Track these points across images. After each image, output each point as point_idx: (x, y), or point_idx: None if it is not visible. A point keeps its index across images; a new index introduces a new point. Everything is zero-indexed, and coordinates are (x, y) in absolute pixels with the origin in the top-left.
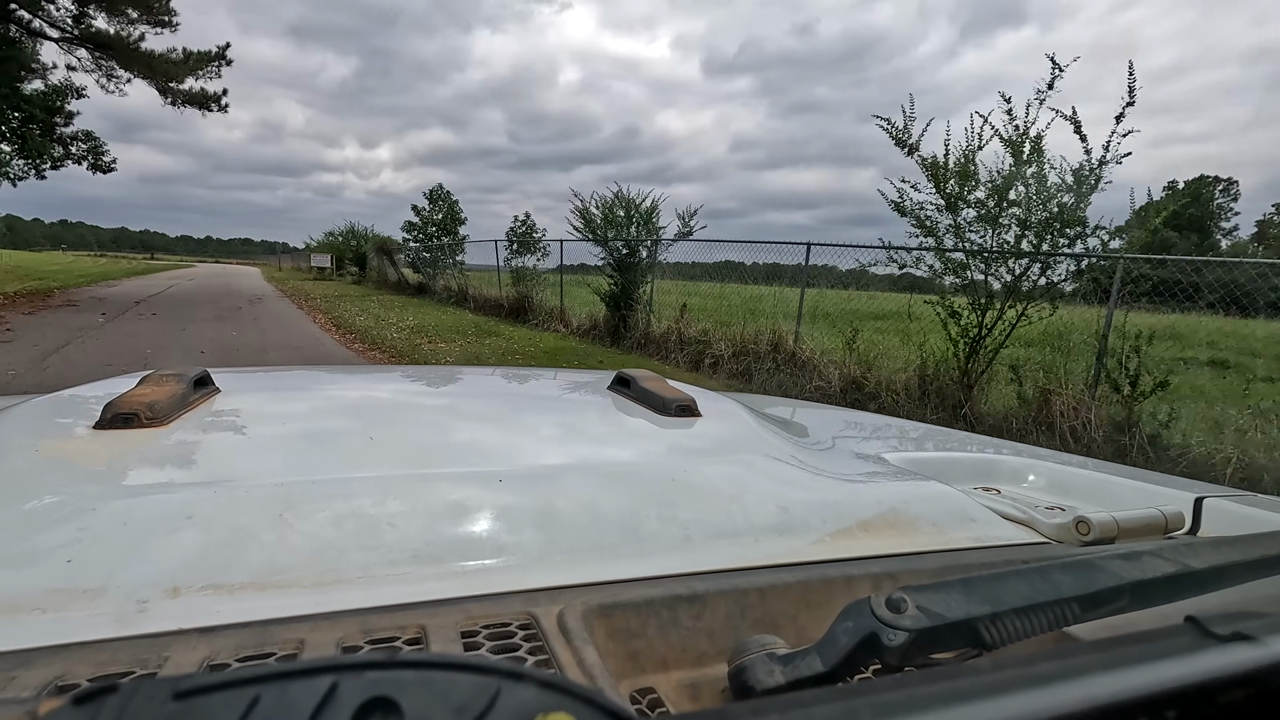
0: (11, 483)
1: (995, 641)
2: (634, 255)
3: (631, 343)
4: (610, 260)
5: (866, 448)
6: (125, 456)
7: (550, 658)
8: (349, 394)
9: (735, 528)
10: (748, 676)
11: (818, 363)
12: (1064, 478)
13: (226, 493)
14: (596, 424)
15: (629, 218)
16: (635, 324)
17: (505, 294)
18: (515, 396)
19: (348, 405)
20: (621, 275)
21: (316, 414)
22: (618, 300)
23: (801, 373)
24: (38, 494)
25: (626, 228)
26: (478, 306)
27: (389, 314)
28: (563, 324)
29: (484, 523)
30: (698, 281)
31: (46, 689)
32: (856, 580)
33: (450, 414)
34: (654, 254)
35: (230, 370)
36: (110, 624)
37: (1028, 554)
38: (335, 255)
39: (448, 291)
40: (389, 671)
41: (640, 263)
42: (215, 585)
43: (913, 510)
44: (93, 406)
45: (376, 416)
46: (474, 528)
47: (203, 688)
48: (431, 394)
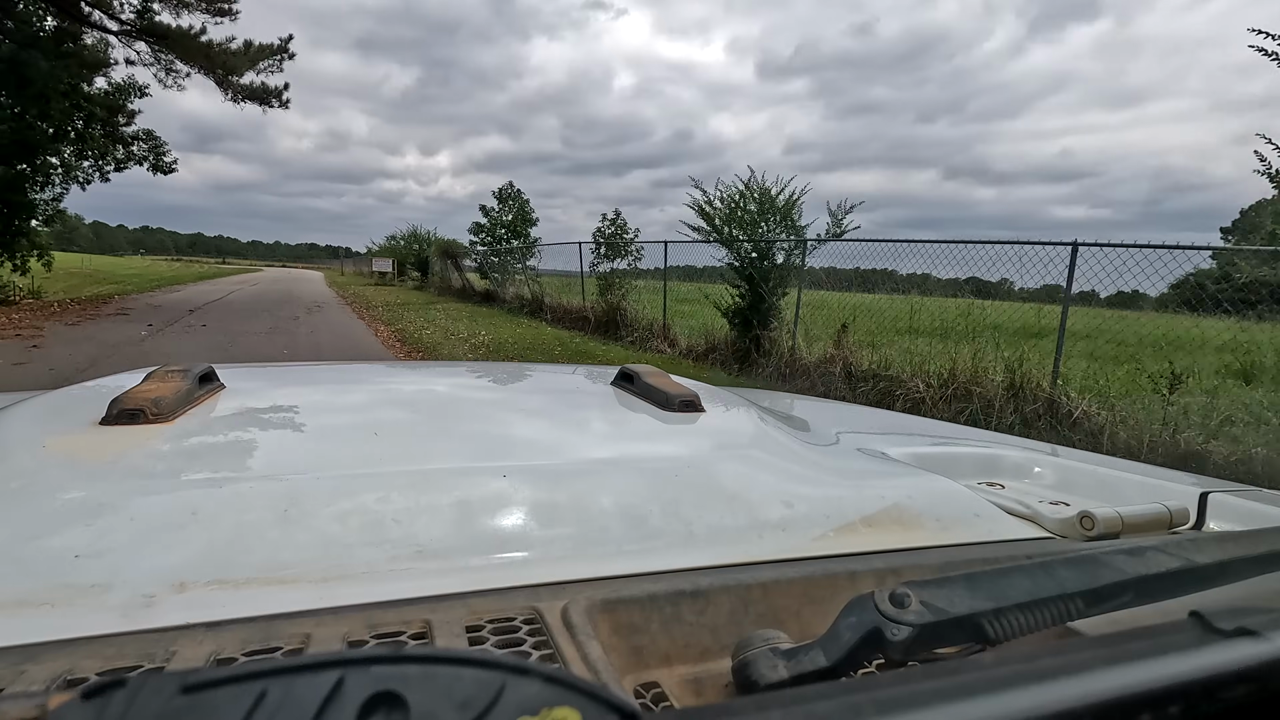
0: (19, 478)
1: (999, 637)
2: (767, 259)
3: (771, 371)
4: (737, 265)
5: (870, 443)
6: (131, 452)
7: (555, 653)
8: (353, 390)
9: (739, 523)
10: (751, 671)
11: (1099, 420)
12: (1068, 473)
13: (232, 488)
14: (600, 419)
15: (761, 213)
16: (774, 347)
17: (591, 304)
18: (519, 392)
19: (351, 401)
20: (750, 285)
21: (321, 410)
22: (745, 316)
23: (1073, 432)
24: (45, 489)
25: (757, 225)
26: (556, 318)
27: (457, 325)
28: (667, 343)
29: (488, 518)
30: (846, 292)
31: (55, 683)
32: (860, 575)
33: (454, 409)
34: (801, 258)
35: (235, 366)
36: (117, 619)
37: (1032, 549)
38: (396, 260)
39: (519, 300)
40: (394, 666)
41: (778, 269)
42: (221, 580)
43: (916, 505)
44: (99, 402)
45: (380, 412)
46: (478, 523)
47: (210, 682)
48: (435, 389)
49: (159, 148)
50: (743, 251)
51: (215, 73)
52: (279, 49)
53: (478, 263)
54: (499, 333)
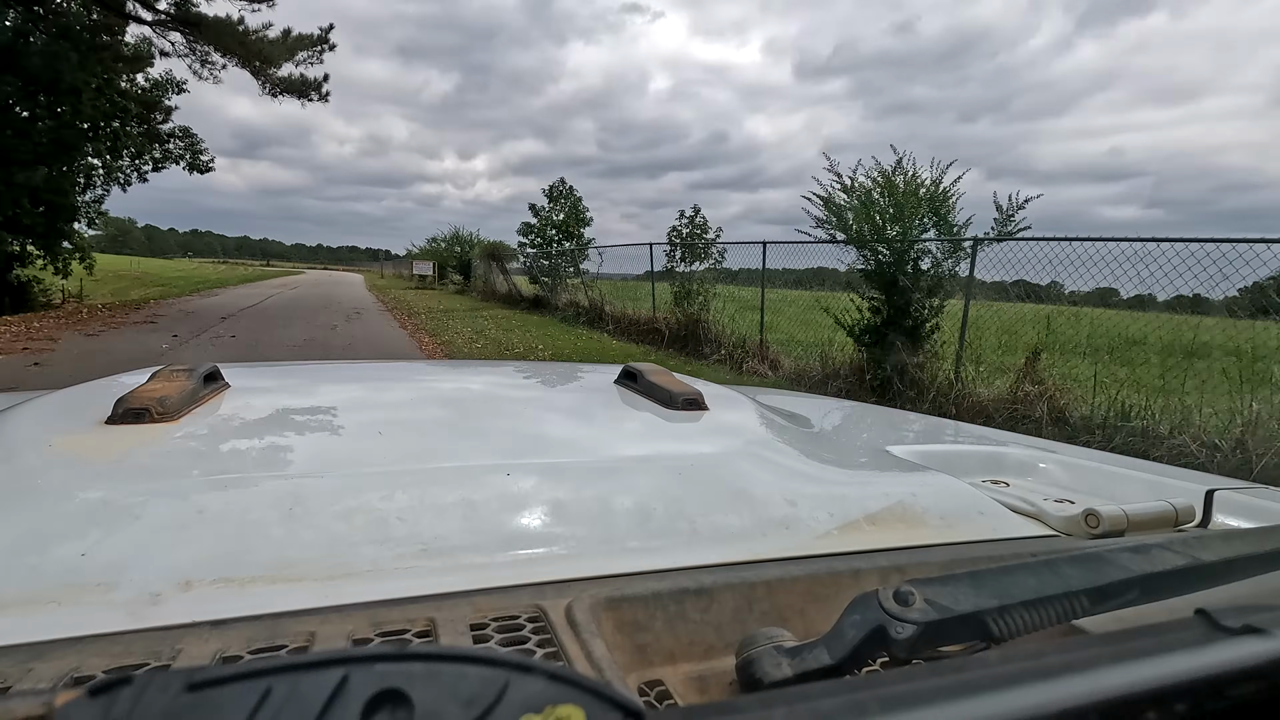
0: (25, 477)
1: (1003, 634)
2: (914, 262)
3: (928, 410)
4: (870, 269)
5: (874, 440)
6: (136, 451)
7: (558, 650)
8: (357, 389)
9: (742, 521)
10: (755, 669)
11: None
12: (1073, 470)
13: (236, 487)
14: (604, 417)
15: (903, 207)
16: (928, 379)
17: (665, 316)
18: (523, 390)
19: (355, 400)
20: (888, 295)
21: (325, 409)
22: (880, 334)
23: None
24: (51, 488)
25: (898, 220)
26: (620, 329)
27: (509, 336)
28: (767, 364)
29: (492, 516)
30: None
31: (62, 681)
32: (864, 573)
33: (458, 408)
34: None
35: (240, 365)
36: (124, 617)
37: (1036, 547)
38: (437, 263)
39: (575, 308)
40: (399, 664)
41: (927, 275)
42: (226, 579)
43: (920, 503)
44: (105, 401)
45: (384, 411)
46: (482, 521)
47: (215, 679)
48: (439, 389)
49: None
50: (879, 253)
51: (252, 64)
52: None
53: (527, 266)
54: (558, 345)
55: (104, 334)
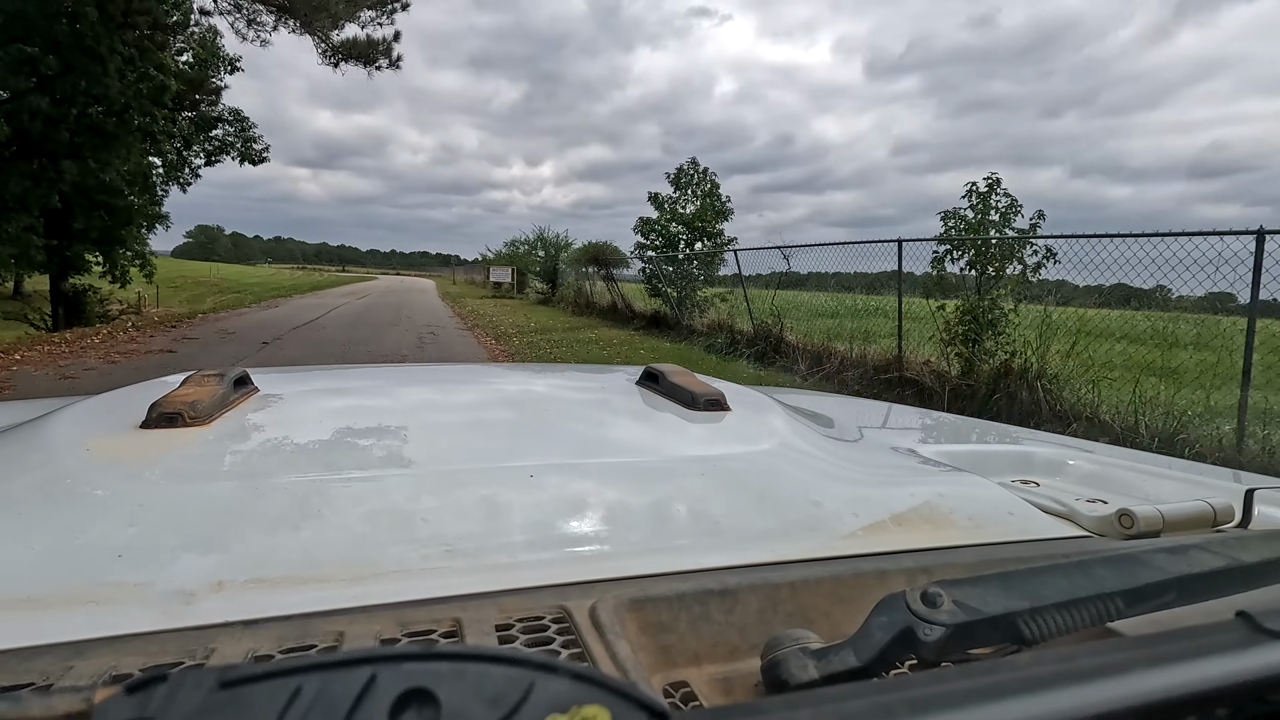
0: (65, 480)
1: (1035, 637)
2: None
3: None
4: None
5: (899, 440)
6: (170, 454)
7: (583, 651)
8: (383, 391)
9: (766, 521)
10: (781, 671)
11: None
12: (1105, 469)
13: (266, 489)
14: (626, 419)
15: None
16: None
17: (938, 356)
18: (545, 392)
19: (382, 402)
20: None
21: (351, 411)
22: None
23: None
24: (89, 491)
25: None
26: (831, 370)
27: None
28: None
29: (516, 517)
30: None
31: (101, 678)
32: (890, 575)
33: (482, 409)
34: None
35: (268, 370)
36: (159, 616)
37: (1068, 548)
38: (517, 269)
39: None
40: (426, 663)
41: None
42: (257, 579)
43: (947, 503)
44: (139, 406)
45: (409, 413)
46: (506, 522)
47: (247, 678)
48: (463, 390)
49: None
50: None
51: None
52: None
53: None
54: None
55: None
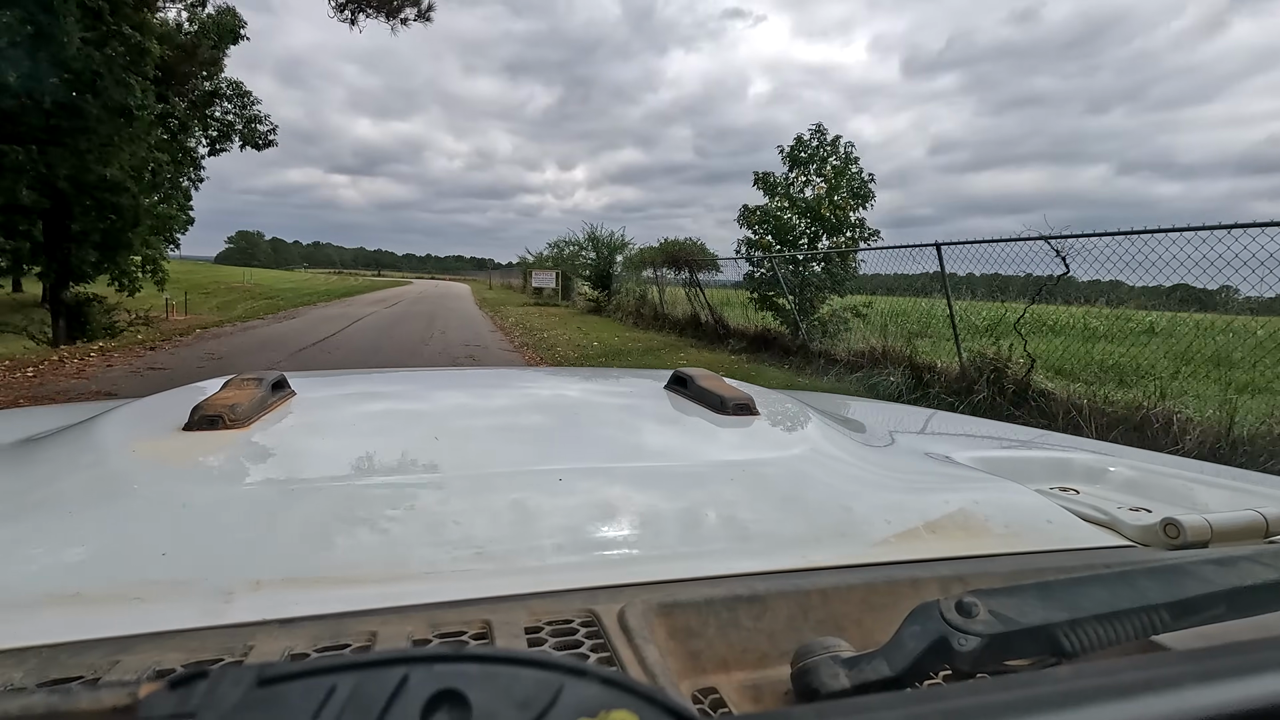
0: (112, 481)
1: (1075, 649)
2: None
3: None
4: None
5: (933, 446)
6: (211, 456)
7: (612, 655)
8: (416, 395)
9: (796, 527)
10: (812, 679)
11: None
12: (1149, 476)
13: (301, 491)
14: (654, 423)
15: None
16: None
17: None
18: (574, 396)
19: (414, 406)
20: None
21: (385, 415)
22: None
23: None
24: (135, 491)
25: None
26: (1103, 428)
27: None
28: None
29: (545, 521)
30: None
31: (145, 673)
32: (923, 583)
33: (511, 413)
34: None
35: (304, 374)
36: (199, 614)
37: (1110, 558)
38: (561, 273)
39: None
40: (457, 665)
41: None
42: (293, 579)
43: (983, 511)
44: (181, 409)
45: (441, 417)
46: (535, 526)
47: (285, 675)
48: (493, 394)
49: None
50: None
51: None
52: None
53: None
54: None
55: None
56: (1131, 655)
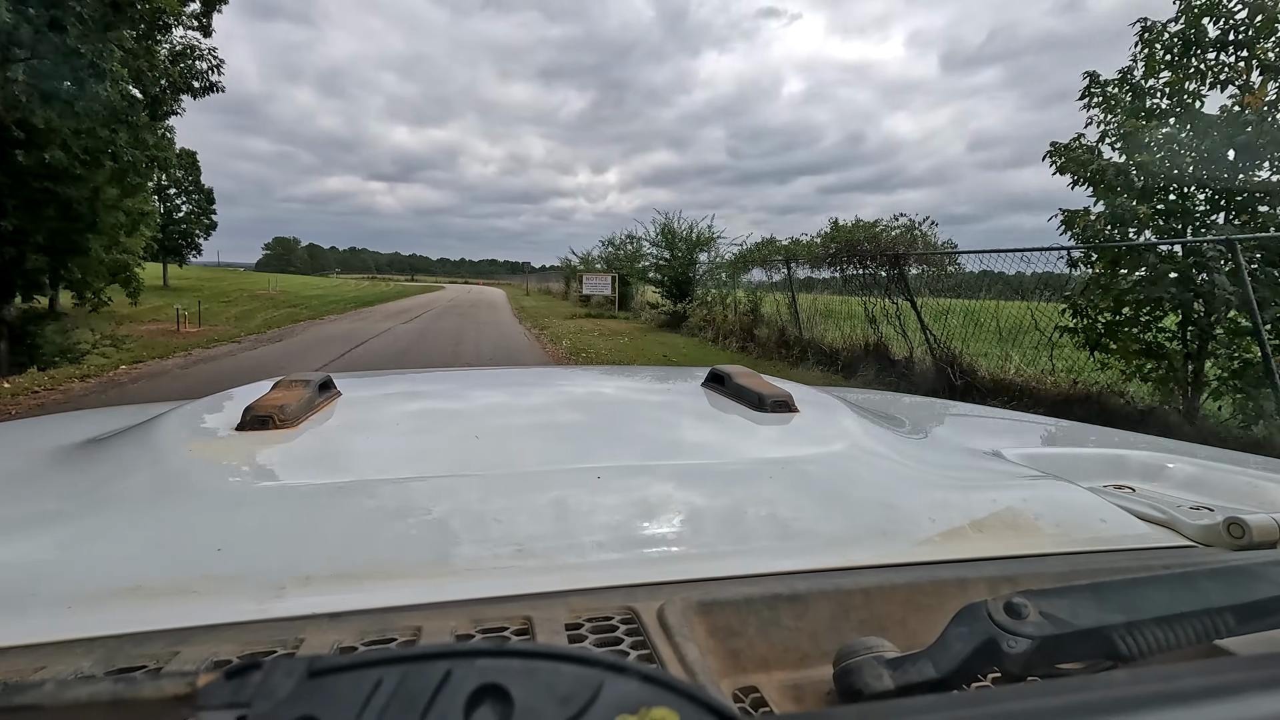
0: (170, 479)
1: (1132, 653)
2: None
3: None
4: None
5: (978, 442)
6: (262, 455)
7: (651, 653)
8: (456, 394)
9: (836, 526)
10: (854, 679)
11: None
12: (1210, 473)
13: (348, 488)
14: (692, 420)
15: None
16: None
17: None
18: (612, 394)
19: (455, 405)
20: None
21: (427, 414)
22: None
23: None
24: (191, 488)
25: None
26: None
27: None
28: None
29: (584, 518)
30: None
31: (203, 664)
32: (970, 583)
33: (550, 412)
34: None
35: (350, 375)
36: (253, 607)
37: (1169, 559)
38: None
39: None
40: (499, 660)
41: None
42: (342, 575)
43: (1032, 509)
44: (234, 410)
45: (482, 416)
46: (575, 523)
47: (334, 668)
48: (533, 393)
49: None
50: None
51: None
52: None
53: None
54: None
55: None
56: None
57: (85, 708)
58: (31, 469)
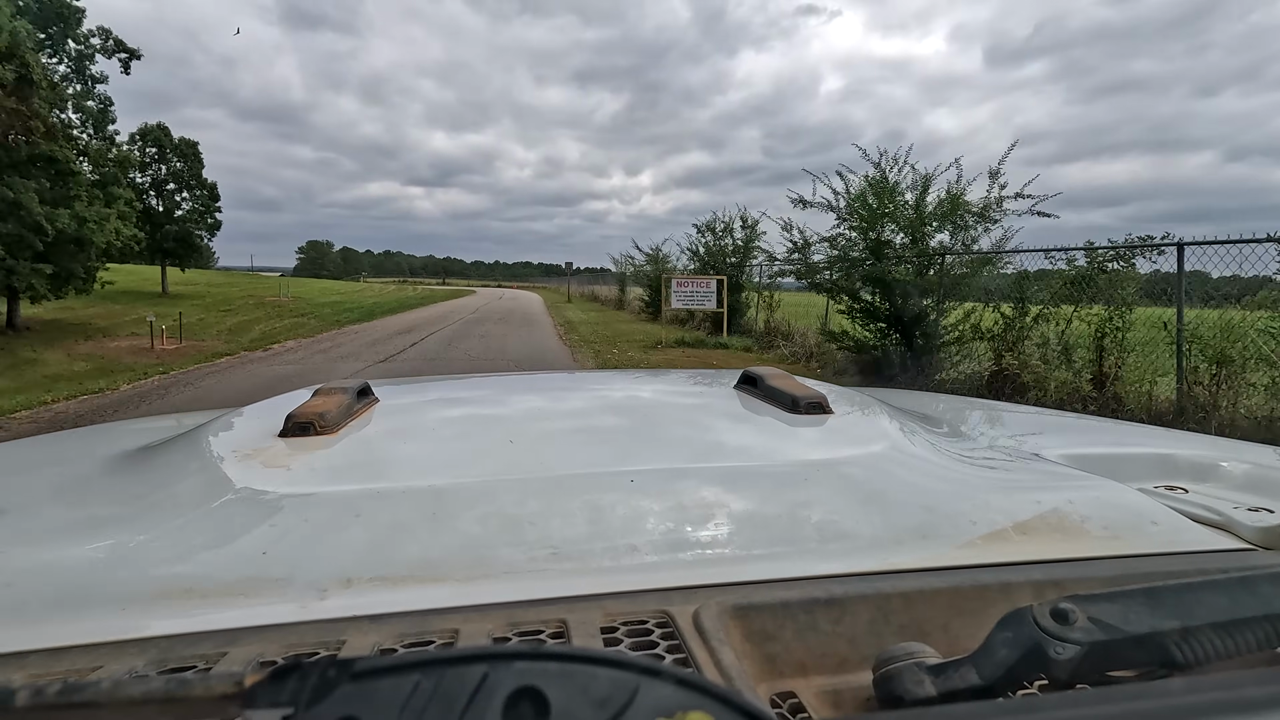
0: (218, 484)
1: (1189, 661)
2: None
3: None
4: None
5: (1019, 443)
6: (304, 460)
7: (687, 657)
8: (490, 399)
9: (874, 529)
10: (895, 685)
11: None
12: (1267, 473)
13: (387, 493)
14: (726, 423)
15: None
16: None
17: None
18: (645, 397)
19: (489, 410)
20: None
21: (462, 419)
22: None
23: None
24: (238, 492)
25: None
26: None
27: None
28: None
29: (618, 521)
30: None
31: (250, 664)
32: (1015, 587)
33: (584, 415)
34: None
35: (385, 381)
36: (297, 609)
37: (1227, 562)
38: (727, 280)
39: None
40: (536, 663)
41: None
42: (381, 578)
43: (1079, 511)
44: (276, 417)
45: (516, 420)
46: (609, 526)
47: (375, 669)
48: (566, 397)
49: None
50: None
51: None
52: None
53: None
54: None
55: None
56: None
57: (139, 705)
58: (88, 476)
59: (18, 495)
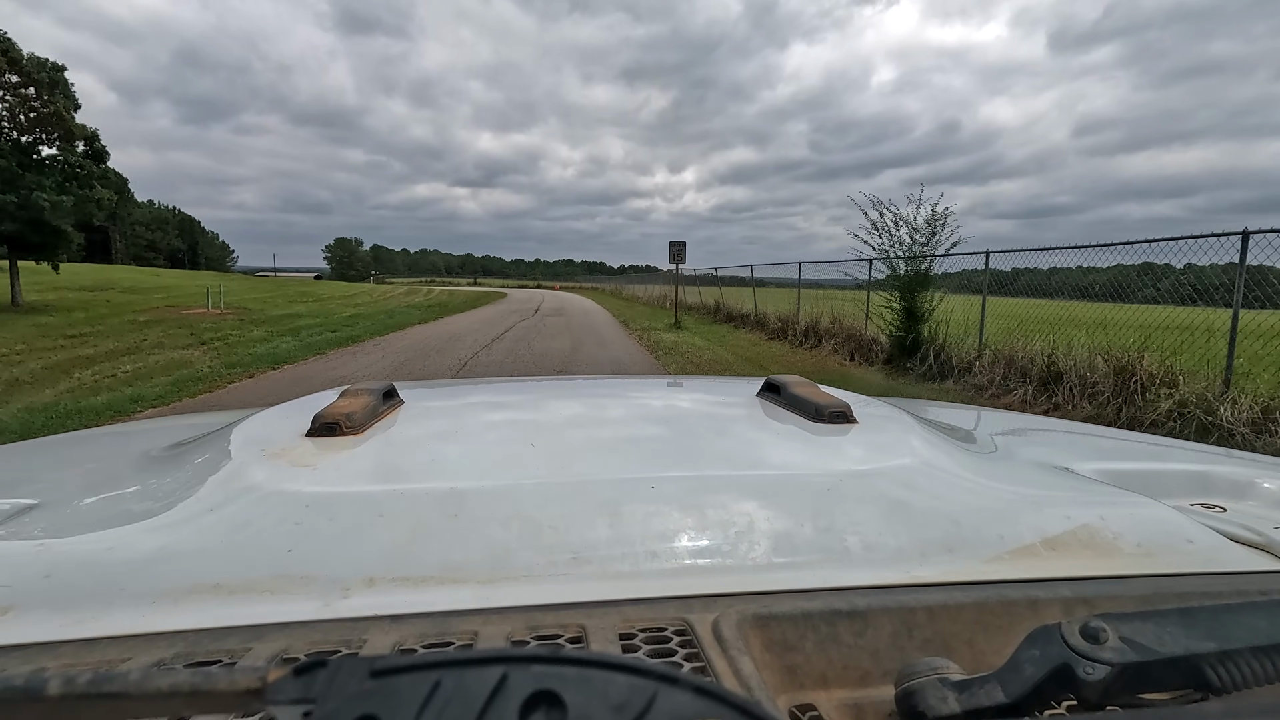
0: (246, 482)
1: (1225, 685)
2: None
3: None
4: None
5: (1050, 456)
6: (330, 460)
7: (705, 665)
8: (514, 403)
9: (898, 541)
10: (918, 701)
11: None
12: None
13: (410, 494)
14: (748, 431)
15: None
16: None
17: None
18: (666, 404)
19: (512, 415)
20: None
21: (486, 422)
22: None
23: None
24: (266, 492)
25: None
26: None
27: None
28: None
29: (638, 528)
30: None
31: (274, 660)
32: (1043, 604)
33: (605, 421)
34: None
35: (411, 384)
36: (320, 607)
37: (1267, 584)
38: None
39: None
40: (554, 667)
41: None
42: (403, 578)
43: (1111, 527)
44: (304, 417)
45: (539, 425)
46: (629, 532)
47: (396, 668)
48: (588, 402)
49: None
50: None
51: None
52: None
53: None
54: None
55: None
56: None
57: (166, 697)
58: (122, 472)
59: (55, 490)
